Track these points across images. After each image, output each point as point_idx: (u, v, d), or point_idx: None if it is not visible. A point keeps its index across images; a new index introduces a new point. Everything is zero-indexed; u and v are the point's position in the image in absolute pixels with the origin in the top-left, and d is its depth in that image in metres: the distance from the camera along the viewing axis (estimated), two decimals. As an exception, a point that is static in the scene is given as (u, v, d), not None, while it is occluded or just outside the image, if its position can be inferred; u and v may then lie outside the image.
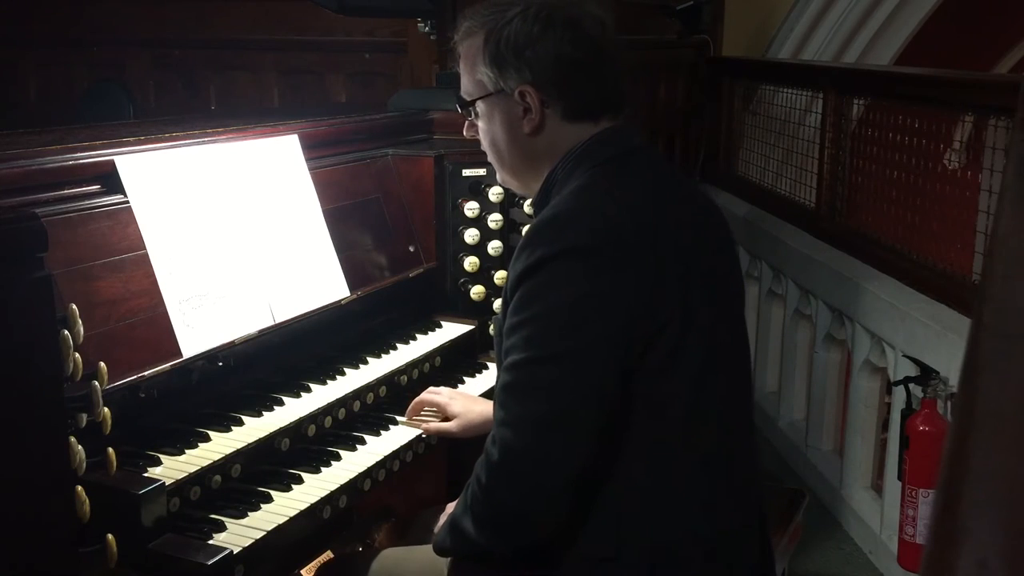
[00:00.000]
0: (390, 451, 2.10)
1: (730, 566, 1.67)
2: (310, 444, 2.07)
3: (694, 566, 1.61)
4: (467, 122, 1.88)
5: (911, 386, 3.13)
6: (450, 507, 1.84)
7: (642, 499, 1.60)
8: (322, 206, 2.35)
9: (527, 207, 2.63)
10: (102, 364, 1.66)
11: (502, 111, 1.77)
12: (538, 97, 1.72)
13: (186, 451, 1.87)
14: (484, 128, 1.83)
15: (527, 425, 1.54)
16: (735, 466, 1.69)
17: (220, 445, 1.91)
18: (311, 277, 2.28)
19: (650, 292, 1.55)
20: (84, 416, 1.62)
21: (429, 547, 1.84)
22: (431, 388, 2.24)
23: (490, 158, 1.87)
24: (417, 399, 2.20)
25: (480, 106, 1.81)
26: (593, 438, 1.54)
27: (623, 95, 1.79)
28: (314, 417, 2.08)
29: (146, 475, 1.75)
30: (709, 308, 1.63)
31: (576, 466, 1.54)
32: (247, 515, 1.81)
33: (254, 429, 1.99)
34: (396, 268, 2.57)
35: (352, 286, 2.38)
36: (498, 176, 1.91)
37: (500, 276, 2.66)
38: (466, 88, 1.83)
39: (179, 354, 1.92)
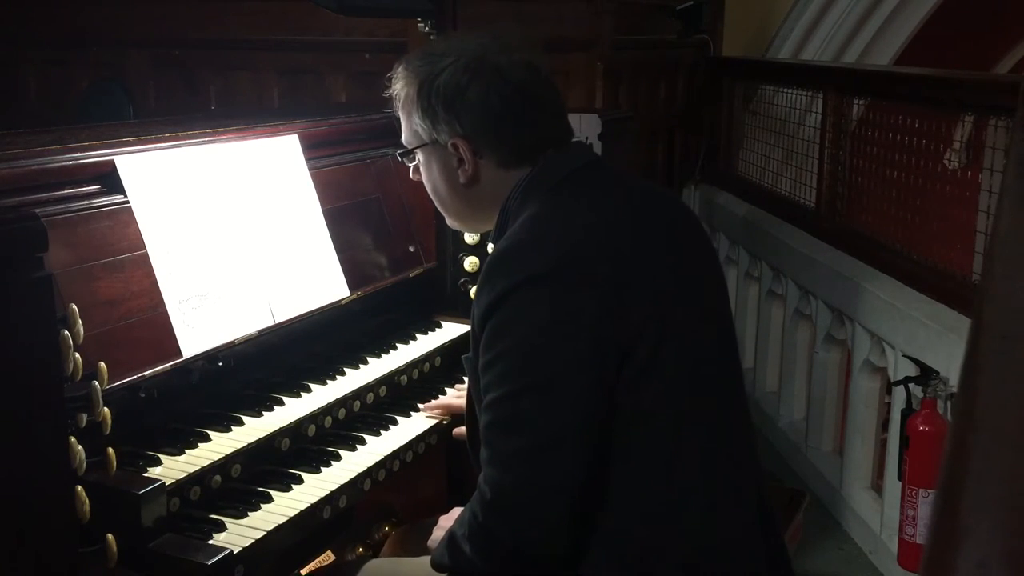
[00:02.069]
0: (390, 451, 2.10)
1: (731, 571, 1.65)
2: (310, 444, 2.07)
3: (694, 572, 1.61)
4: (411, 167, 1.90)
5: (911, 386, 3.13)
6: (443, 520, 1.84)
7: (634, 509, 1.58)
8: (322, 206, 2.35)
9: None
10: (102, 364, 1.66)
11: (438, 160, 1.80)
12: (470, 149, 1.75)
13: (186, 451, 1.87)
14: (424, 176, 1.86)
15: (514, 460, 1.53)
16: (731, 471, 1.67)
17: (220, 445, 1.91)
18: (311, 277, 2.28)
19: (615, 307, 1.54)
20: (84, 416, 1.62)
21: (418, 560, 1.85)
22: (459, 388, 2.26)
23: (435, 203, 1.90)
24: (447, 405, 2.24)
25: (419, 154, 1.84)
26: (583, 460, 1.53)
27: (563, 131, 1.79)
28: (314, 417, 2.09)
29: (146, 475, 1.75)
30: (685, 310, 1.62)
31: (570, 492, 1.53)
32: (247, 515, 1.81)
33: (254, 429, 1.99)
34: (396, 268, 2.57)
35: (352, 286, 2.38)
36: (447, 220, 1.93)
37: (500, 276, 2.66)
38: (405, 136, 1.87)
39: (179, 354, 1.92)
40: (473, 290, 2.66)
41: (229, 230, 2.11)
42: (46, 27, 4.36)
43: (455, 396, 2.29)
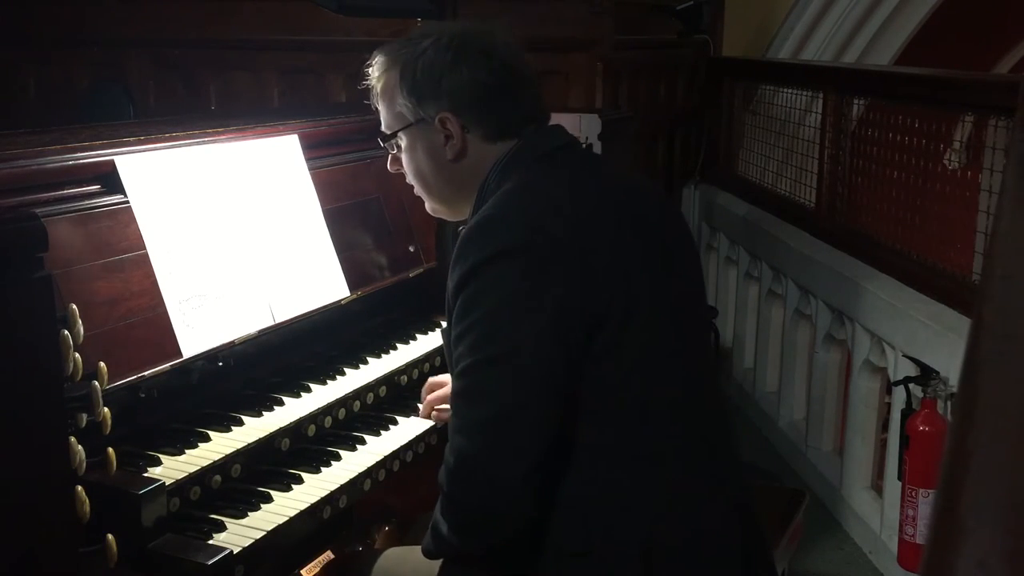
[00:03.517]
0: (390, 451, 2.10)
1: (707, 558, 1.66)
2: (310, 444, 2.07)
3: (668, 559, 1.62)
4: (391, 156, 1.92)
5: (911, 386, 3.13)
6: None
7: (607, 493, 1.61)
8: (322, 206, 2.35)
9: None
10: (102, 364, 1.66)
11: (424, 140, 1.82)
12: (458, 123, 1.78)
13: (186, 451, 1.87)
14: (408, 160, 1.87)
15: (478, 428, 1.57)
16: (703, 452, 1.70)
17: (220, 445, 1.91)
18: (311, 277, 2.28)
19: (583, 281, 1.58)
20: (84, 416, 1.62)
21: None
22: (432, 380, 2.25)
23: (417, 190, 1.92)
24: (435, 395, 2.21)
25: (402, 138, 1.86)
26: (544, 432, 1.57)
27: (542, 109, 1.84)
28: (314, 417, 2.08)
29: (146, 475, 1.75)
30: (654, 289, 1.65)
31: (531, 461, 1.56)
32: (247, 515, 1.81)
33: (254, 429, 1.99)
34: (396, 268, 2.57)
35: (352, 286, 2.38)
36: (427, 206, 1.95)
37: (500, 276, 2.66)
38: (386, 122, 1.88)
39: (179, 354, 1.92)
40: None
41: (229, 230, 2.11)
42: (46, 27, 4.36)
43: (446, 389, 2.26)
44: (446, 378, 2.23)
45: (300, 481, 1.95)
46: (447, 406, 2.18)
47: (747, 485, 1.82)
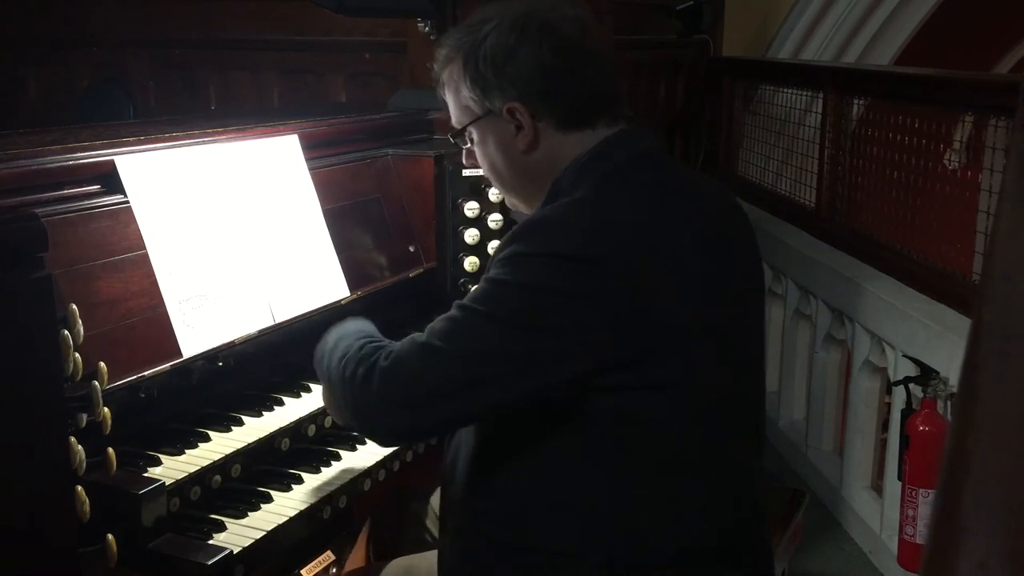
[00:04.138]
0: (390, 451, 2.10)
1: (727, 565, 1.65)
2: (310, 444, 2.07)
3: (693, 567, 1.60)
4: (464, 151, 1.83)
5: (911, 386, 3.13)
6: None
7: (624, 498, 1.58)
8: (322, 206, 2.35)
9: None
10: (102, 364, 1.66)
11: (494, 133, 1.73)
12: (527, 112, 1.68)
13: (186, 451, 1.87)
14: (480, 154, 1.78)
15: (427, 353, 1.55)
16: (731, 478, 1.66)
17: (220, 445, 1.91)
18: (311, 277, 2.28)
19: (619, 313, 1.50)
20: (84, 416, 1.62)
21: (427, 555, 1.87)
22: None
23: (494, 184, 1.84)
24: None
25: (472, 131, 1.77)
26: (475, 414, 1.58)
27: (617, 94, 1.73)
28: (314, 417, 2.08)
29: (146, 475, 1.75)
30: (708, 319, 1.58)
31: (440, 422, 1.59)
32: (247, 515, 1.81)
33: (254, 429, 1.99)
34: (396, 268, 2.56)
35: (352, 286, 2.38)
36: (506, 201, 1.87)
37: (500, 276, 2.66)
38: (455, 116, 1.79)
39: (179, 354, 1.92)
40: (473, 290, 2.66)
41: (229, 230, 2.11)
42: (46, 27, 4.36)
43: None
44: None
45: (300, 481, 1.95)
46: None
47: (763, 491, 1.79)
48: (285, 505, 1.86)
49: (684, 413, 1.57)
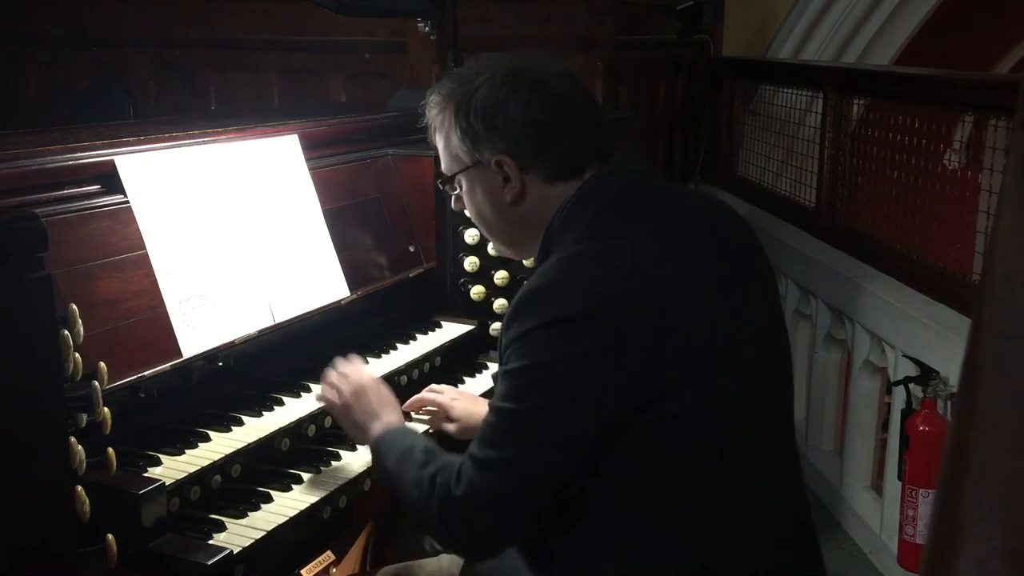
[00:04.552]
0: (390, 451, 2.10)
1: None
2: (310, 444, 2.07)
3: None
4: (453, 197, 1.85)
5: (911, 386, 3.13)
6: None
7: (646, 536, 1.58)
8: (322, 206, 2.35)
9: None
10: (102, 364, 1.66)
11: (482, 183, 1.75)
12: (516, 165, 1.69)
13: (186, 451, 1.87)
14: (468, 201, 1.81)
15: (490, 466, 1.56)
16: (763, 512, 1.64)
17: (220, 445, 1.91)
18: (311, 277, 2.28)
19: (639, 356, 1.51)
20: (84, 416, 1.62)
21: (433, 560, 1.90)
22: (433, 386, 2.23)
23: (480, 230, 1.86)
24: (418, 396, 2.19)
25: (461, 179, 1.78)
26: (551, 490, 1.57)
27: (608, 144, 1.75)
28: (314, 417, 2.08)
29: (146, 475, 1.75)
30: (732, 347, 1.58)
31: (527, 513, 1.58)
32: (247, 515, 1.81)
33: (254, 429, 1.99)
34: (396, 268, 2.57)
35: (352, 286, 2.38)
36: (491, 246, 1.90)
37: (500, 276, 2.66)
38: (445, 163, 1.81)
39: (179, 354, 1.92)
40: (473, 290, 2.66)
41: (229, 230, 2.11)
42: (46, 27, 4.36)
43: (428, 391, 2.24)
44: (444, 387, 2.22)
45: (300, 481, 1.95)
46: (433, 409, 2.18)
47: (808, 514, 1.77)
48: (285, 505, 1.86)
49: (715, 434, 1.57)
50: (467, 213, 1.85)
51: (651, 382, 1.53)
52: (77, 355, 1.59)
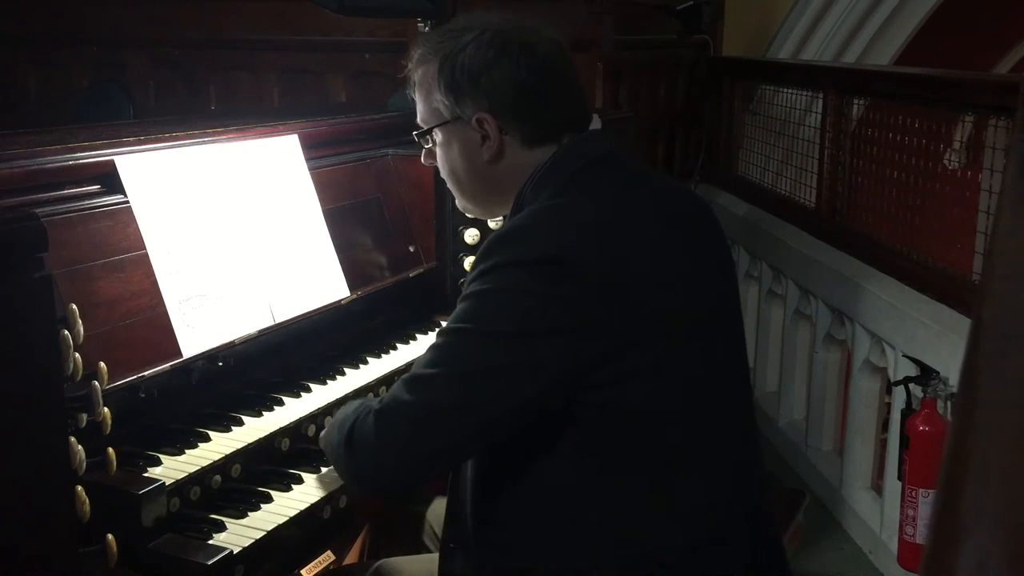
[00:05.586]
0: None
1: (713, 567, 1.64)
2: (310, 444, 2.07)
3: (674, 570, 1.60)
4: (424, 150, 1.86)
5: (911, 386, 3.13)
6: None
7: (609, 507, 1.59)
8: (322, 206, 2.35)
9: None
10: (102, 364, 1.66)
11: (460, 139, 1.76)
12: (496, 124, 1.71)
13: (186, 451, 1.87)
14: (442, 156, 1.81)
15: (424, 383, 1.56)
16: (723, 473, 1.66)
17: (220, 445, 1.91)
18: (311, 277, 2.28)
19: (594, 311, 1.52)
20: (84, 416, 1.62)
21: (426, 557, 1.88)
22: None
23: (449, 185, 1.86)
24: None
25: (437, 134, 1.79)
26: (472, 429, 1.56)
27: (585, 112, 1.77)
28: (314, 417, 2.09)
29: (146, 475, 1.75)
30: (685, 315, 1.61)
31: (445, 445, 1.57)
32: (247, 515, 1.81)
33: (254, 429, 1.99)
34: (396, 268, 2.57)
35: (352, 286, 2.38)
36: (458, 202, 1.90)
37: (500, 276, 2.66)
38: (422, 116, 1.82)
39: (179, 354, 1.92)
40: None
41: (229, 230, 2.11)
42: (46, 27, 4.36)
43: None
44: None
45: (300, 481, 1.95)
46: None
47: (764, 489, 1.79)
48: (285, 505, 1.86)
49: (671, 404, 1.59)
50: (438, 167, 1.85)
51: (605, 337, 1.54)
52: (77, 355, 1.59)
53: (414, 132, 1.86)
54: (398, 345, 2.49)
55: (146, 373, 1.85)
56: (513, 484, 1.63)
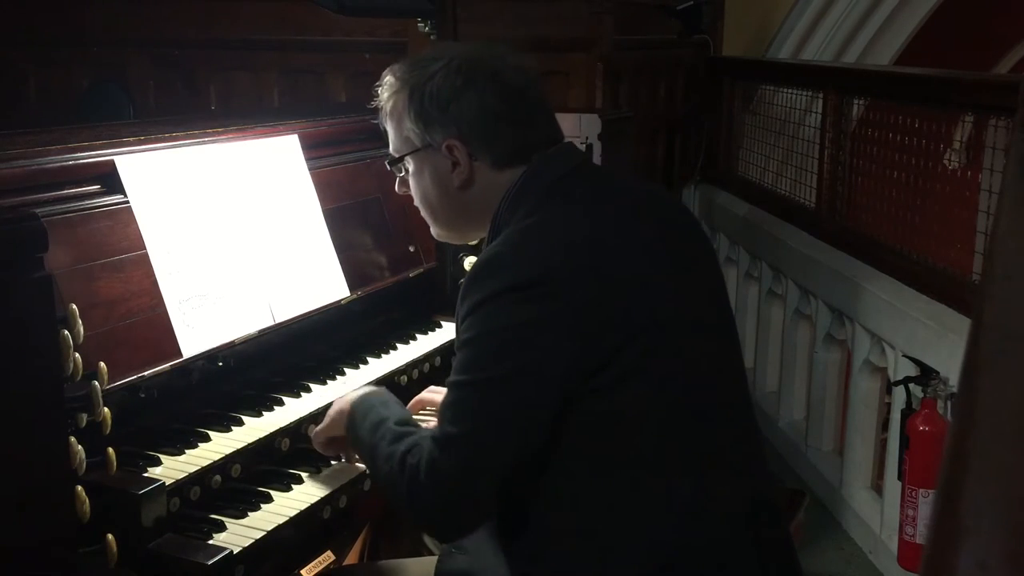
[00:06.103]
0: (390, 451, 2.10)
1: (719, 567, 1.64)
2: (310, 444, 2.07)
3: (680, 572, 1.61)
4: (398, 179, 1.89)
5: (911, 386, 3.13)
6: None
7: (603, 510, 1.60)
8: (322, 206, 2.35)
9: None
10: (102, 364, 1.66)
11: (431, 166, 1.78)
12: (466, 150, 1.73)
13: (186, 451, 1.87)
14: (415, 184, 1.84)
15: (451, 443, 1.57)
16: (720, 477, 1.66)
17: (220, 445, 1.91)
18: (311, 277, 2.28)
19: (587, 325, 1.54)
20: (84, 416, 1.62)
21: (426, 559, 1.88)
22: (432, 387, 2.23)
23: (423, 214, 1.88)
24: (418, 397, 2.19)
25: (409, 162, 1.82)
26: (511, 458, 1.58)
27: (554, 131, 1.80)
28: (314, 417, 2.08)
29: (146, 475, 1.75)
30: (676, 321, 1.62)
31: (492, 486, 1.59)
32: (247, 515, 1.81)
33: (254, 429, 1.99)
34: (396, 268, 2.57)
35: (352, 286, 2.38)
36: (432, 231, 1.92)
37: (500, 276, 2.66)
38: (394, 144, 1.85)
39: (179, 354, 1.92)
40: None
41: (229, 230, 2.11)
42: (46, 27, 4.36)
43: (428, 392, 2.25)
44: (442, 390, 2.22)
45: (300, 481, 1.95)
46: (428, 415, 2.18)
47: (769, 487, 1.79)
48: (285, 505, 1.87)
49: (666, 405, 1.60)
50: (412, 196, 1.87)
51: (595, 348, 1.56)
52: (77, 355, 1.59)
53: (386, 161, 1.89)
54: (398, 345, 2.49)
55: (146, 373, 1.85)
56: (513, 490, 1.64)
